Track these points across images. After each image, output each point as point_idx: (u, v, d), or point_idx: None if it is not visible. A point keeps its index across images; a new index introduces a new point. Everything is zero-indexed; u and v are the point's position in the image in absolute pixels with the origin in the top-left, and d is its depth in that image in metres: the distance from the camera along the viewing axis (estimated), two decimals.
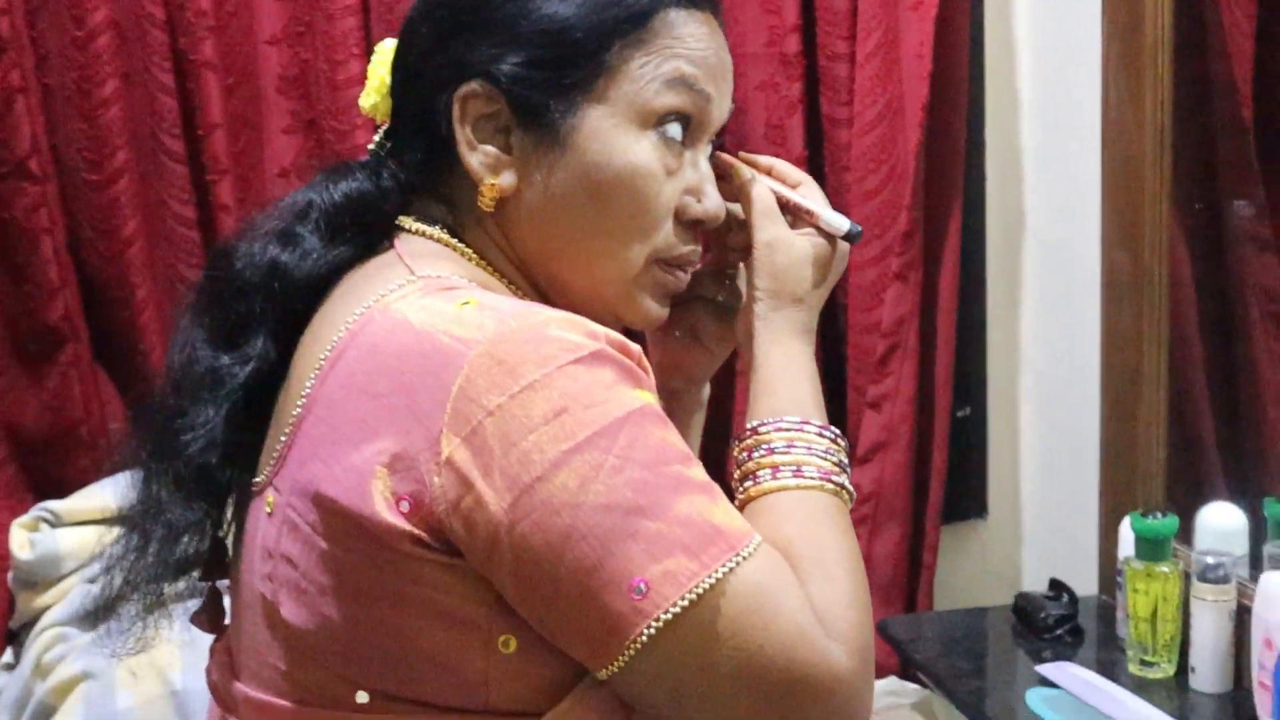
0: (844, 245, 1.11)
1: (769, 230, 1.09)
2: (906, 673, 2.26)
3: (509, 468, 0.87)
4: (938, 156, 2.21)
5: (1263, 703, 1.68)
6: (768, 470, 0.99)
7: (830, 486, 0.98)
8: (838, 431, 1.02)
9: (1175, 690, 1.83)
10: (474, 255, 1.05)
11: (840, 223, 1.10)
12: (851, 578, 0.94)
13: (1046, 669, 1.88)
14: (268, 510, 0.97)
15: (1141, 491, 2.05)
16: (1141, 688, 1.82)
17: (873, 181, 2.16)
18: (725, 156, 1.13)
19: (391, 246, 1.04)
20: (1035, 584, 2.35)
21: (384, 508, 0.88)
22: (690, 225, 1.06)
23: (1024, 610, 2.06)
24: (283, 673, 0.95)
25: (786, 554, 0.91)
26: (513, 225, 1.04)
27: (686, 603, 0.86)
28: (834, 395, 2.24)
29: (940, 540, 2.35)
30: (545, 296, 1.06)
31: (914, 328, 2.17)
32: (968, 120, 2.27)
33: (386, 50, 1.10)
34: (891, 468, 2.16)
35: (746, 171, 1.12)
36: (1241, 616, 1.79)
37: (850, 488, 1.01)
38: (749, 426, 1.02)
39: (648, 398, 0.91)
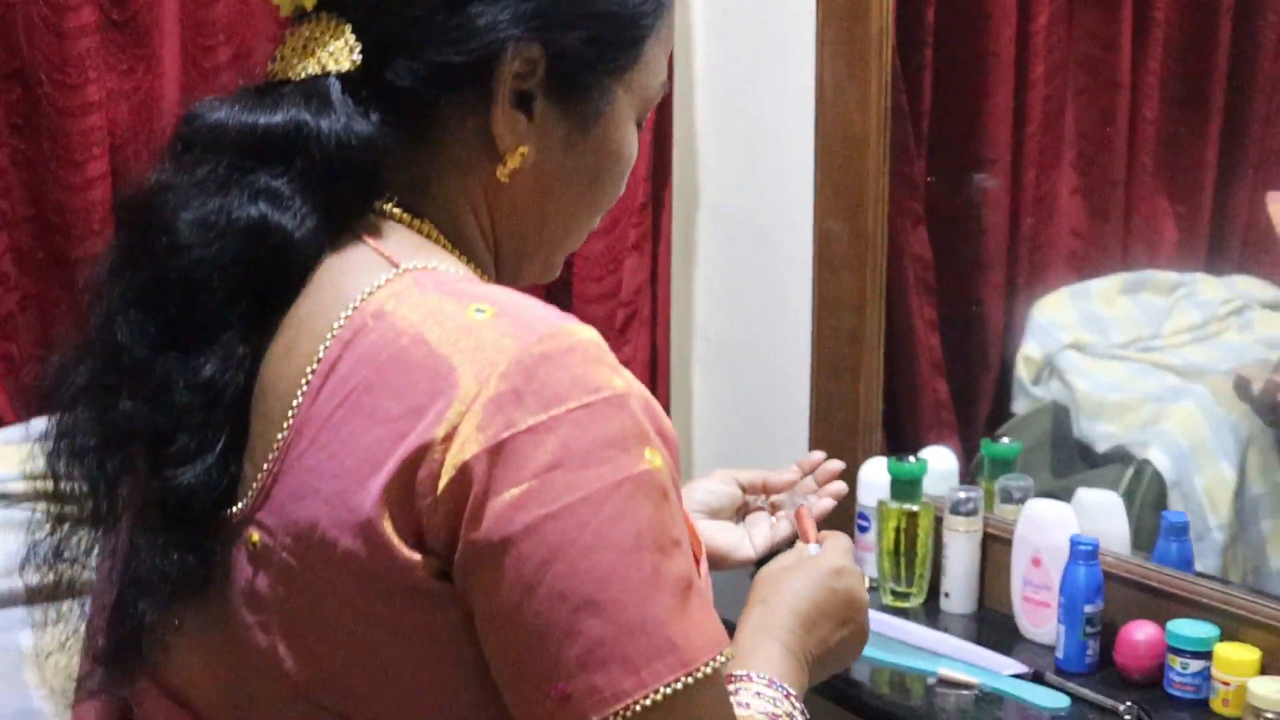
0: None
1: (840, 559, 1.16)
2: None
3: (489, 514, 0.80)
4: (657, 134, 2.29)
5: (1033, 616, 1.91)
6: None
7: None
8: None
9: (929, 614, 2.02)
10: (434, 233, 0.95)
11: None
12: None
13: None
14: (251, 550, 0.86)
15: (861, 444, 2.24)
16: (898, 615, 2.00)
17: None
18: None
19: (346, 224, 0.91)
20: None
21: (400, 544, 0.81)
22: None
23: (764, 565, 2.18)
24: None
25: None
26: (504, 192, 0.96)
27: None
28: None
29: None
30: (496, 257, 1.01)
31: (648, 296, 2.24)
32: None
33: None
34: None
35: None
36: (985, 544, 2.02)
37: None
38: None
39: (654, 461, 0.83)
